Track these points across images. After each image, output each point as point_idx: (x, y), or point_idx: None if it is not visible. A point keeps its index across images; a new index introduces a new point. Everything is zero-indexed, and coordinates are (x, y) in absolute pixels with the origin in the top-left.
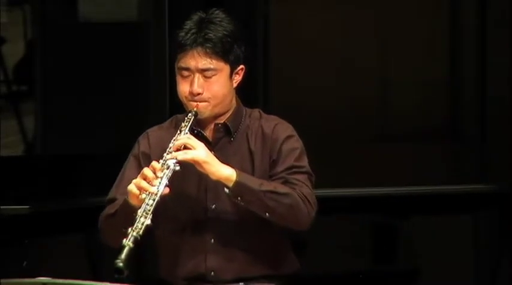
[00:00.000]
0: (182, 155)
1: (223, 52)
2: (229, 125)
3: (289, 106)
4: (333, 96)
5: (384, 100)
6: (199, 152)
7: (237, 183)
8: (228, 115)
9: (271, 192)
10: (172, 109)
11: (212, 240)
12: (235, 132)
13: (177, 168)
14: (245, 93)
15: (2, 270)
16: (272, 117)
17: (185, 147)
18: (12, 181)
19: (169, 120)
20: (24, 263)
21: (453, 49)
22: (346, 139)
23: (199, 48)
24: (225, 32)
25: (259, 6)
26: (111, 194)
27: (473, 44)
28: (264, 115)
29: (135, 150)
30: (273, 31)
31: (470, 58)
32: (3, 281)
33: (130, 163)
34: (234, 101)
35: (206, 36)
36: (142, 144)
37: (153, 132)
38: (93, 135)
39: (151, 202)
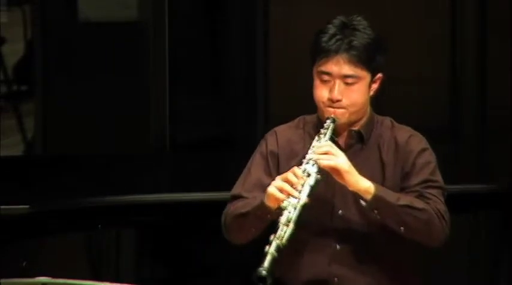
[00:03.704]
0: (326, 161)
1: (367, 60)
2: (363, 132)
3: (289, 106)
4: None
5: (384, 100)
6: (342, 160)
7: (375, 196)
8: (361, 122)
9: (408, 207)
10: (172, 108)
11: (337, 246)
12: (368, 139)
13: (319, 177)
14: (246, 93)
15: (2, 270)
16: (405, 127)
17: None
18: (12, 181)
19: (297, 120)
20: (24, 263)
21: (453, 50)
22: None
23: (344, 55)
24: (369, 40)
25: (259, 5)
26: (235, 191)
27: (474, 44)
28: (396, 124)
29: (262, 148)
30: (272, 30)
31: (470, 59)
32: (3, 281)
33: (256, 160)
34: (368, 109)
35: (352, 43)
36: (270, 142)
37: (281, 131)
38: (93, 135)
39: (293, 210)
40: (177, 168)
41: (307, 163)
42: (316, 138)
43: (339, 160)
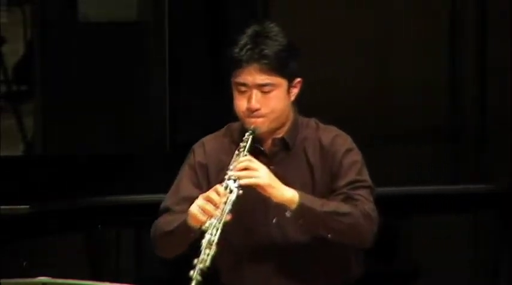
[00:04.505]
0: (246, 179)
1: (280, 67)
2: (287, 139)
3: None
4: (333, 96)
5: (384, 100)
6: (262, 175)
7: (300, 205)
8: (285, 128)
9: (334, 213)
10: (172, 108)
11: (277, 254)
12: (293, 144)
13: (240, 192)
14: None
15: (2, 270)
16: (330, 128)
17: (247, 170)
18: (12, 181)
19: (223, 129)
20: (24, 263)
21: (453, 49)
22: None
23: (256, 64)
24: (280, 47)
25: (259, 5)
26: (165, 203)
27: (474, 44)
28: (321, 125)
29: (190, 160)
30: None
31: (471, 58)
32: (3, 281)
33: (185, 172)
34: (291, 114)
35: (262, 53)
36: (198, 154)
37: (209, 142)
38: (93, 135)
39: (214, 231)
40: (177, 168)
41: (228, 179)
42: (237, 151)
43: (259, 175)
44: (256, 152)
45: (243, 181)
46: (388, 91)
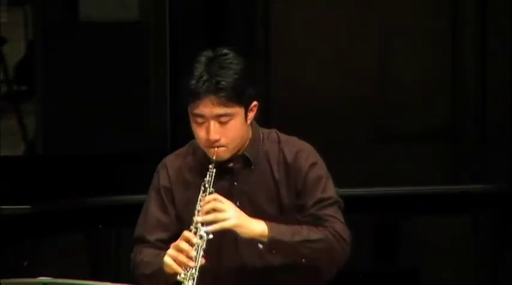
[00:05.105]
0: (214, 227)
1: (237, 97)
2: (247, 154)
3: (289, 106)
4: (334, 96)
5: (384, 100)
6: (229, 217)
7: (271, 239)
8: (244, 145)
9: (305, 241)
10: (172, 109)
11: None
12: (255, 159)
13: (210, 237)
14: None
15: (2, 270)
16: (291, 140)
17: (214, 210)
18: (12, 181)
19: (186, 146)
20: (25, 263)
21: (454, 50)
22: (346, 139)
23: (213, 97)
24: (235, 76)
25: (259, 5)
26: (138, 232)
27: (474, 44)
28: (282, 137)
29: (155, 183)
30: (273, 32)
31: (471, 59)
32: (3, 281)
33: (152, 197)
34: (249, 132)
35: (219, 85)
36: (162, 177)
37: (171, 162)
38: (93, 135)
39: (191, 282)
40: None
41: (196, 223)
42: (202, 187)
43: (227, 216)
44: (221, 170)
45: (211, 228)
46: (388, 92)
